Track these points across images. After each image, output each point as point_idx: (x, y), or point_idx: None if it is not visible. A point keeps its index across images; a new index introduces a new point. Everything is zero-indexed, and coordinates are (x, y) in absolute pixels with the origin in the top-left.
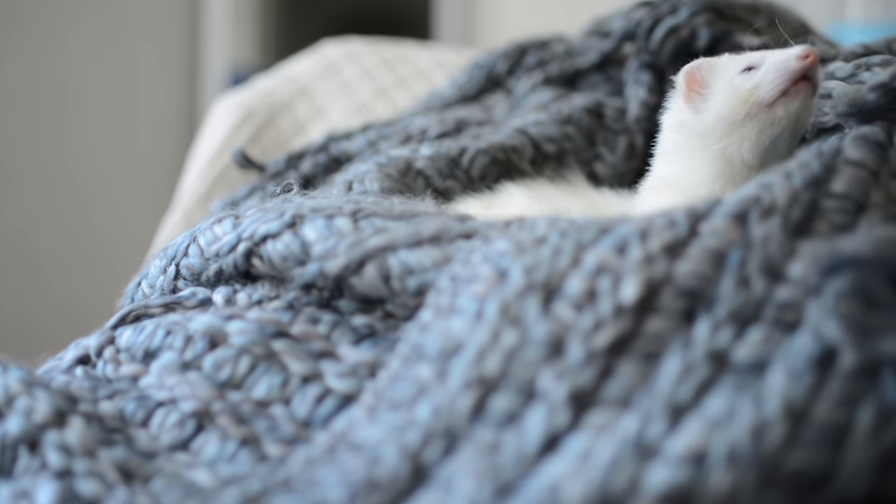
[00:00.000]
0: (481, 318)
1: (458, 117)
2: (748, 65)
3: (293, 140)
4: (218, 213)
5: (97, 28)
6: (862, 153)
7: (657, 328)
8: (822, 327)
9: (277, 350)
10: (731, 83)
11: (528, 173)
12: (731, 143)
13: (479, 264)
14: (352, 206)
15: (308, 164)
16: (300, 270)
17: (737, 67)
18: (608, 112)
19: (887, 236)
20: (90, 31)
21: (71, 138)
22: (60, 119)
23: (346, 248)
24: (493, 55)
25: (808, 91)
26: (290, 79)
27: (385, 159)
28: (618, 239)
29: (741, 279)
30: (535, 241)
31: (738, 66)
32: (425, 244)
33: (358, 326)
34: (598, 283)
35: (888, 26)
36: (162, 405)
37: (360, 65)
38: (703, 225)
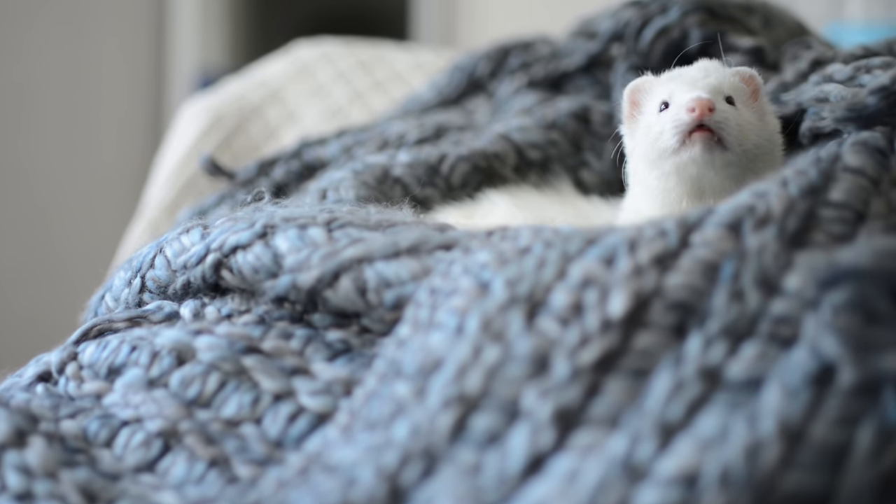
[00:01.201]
0: (462, 333)
1: (437, 122)
2: (664, 99)
3: (264, 146)
4: (186, 223)
5: (56, 27)
6: (861, 160)
7: (646, 343)
8: (820, 343)
9: (248, 366)
10: (648, 119)
11: (512, 181)
12: (657, 176)
13: (459, 276)
14: (326, 216)
15: (280, 171)
16: (272, 283)
17: (658, 98)
18: (595, 117)
19: (888, 247)
20: (49, 30)
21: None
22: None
23: (320, 260)
24: (475, 57)
25: (704, 140)
26: (261, 82)
27: (361, 166)
28: (605, 250)
29: (735, 292)
30: (518, 252)
31: (659, 96)
32: (403, 255)
33: (332, 342)
34: (584, 296)
35: (889, 26)
36: (127, 424)
37: (335, 67)
38: (695, 235)
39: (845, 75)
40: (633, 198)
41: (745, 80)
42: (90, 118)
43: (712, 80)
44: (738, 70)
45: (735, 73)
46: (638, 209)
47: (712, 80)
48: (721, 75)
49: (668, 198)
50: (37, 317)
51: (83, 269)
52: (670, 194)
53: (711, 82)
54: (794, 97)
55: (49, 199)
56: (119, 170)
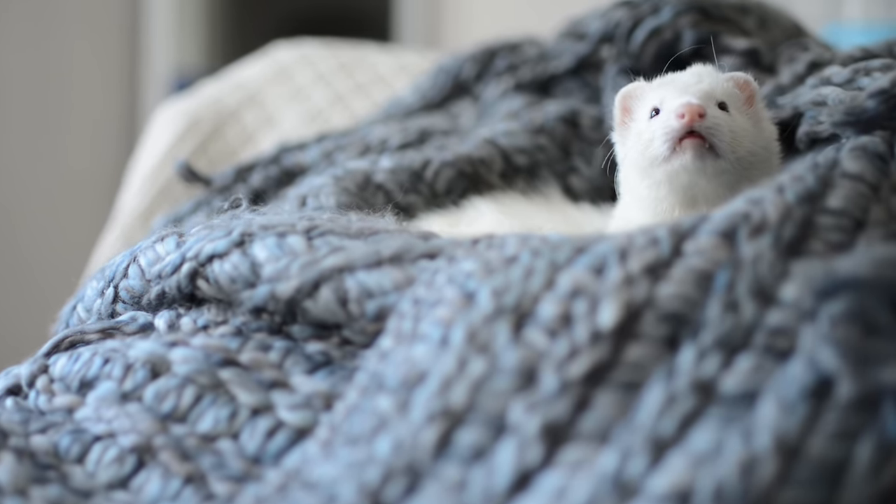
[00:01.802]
0: (446, 344)
1: (421, 126)
2: (655, 105)
3: (242, 151)
4: (160, 231)
5: (24, 26)
6: (860, 165)
7: (638, 356)
8: (817, 355)
9: (225, 379)
10: (639, 126)
11: (498, 187)
12: (648, 185)
13: (444, 286)
14: (305, 223)
15: (258, 177)
16: (249, 293)
17: (649, 105)
18: (584, 121)
19: (888, 256)
20: (17, 29)
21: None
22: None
23: (300, 269)
24: (460, 59)
25: (695, 147)
26: (238, 84)
27: (342, 172)
28: (595, 259)
29: (729, 303)
30: (504, 261)
31: (650, 102)
32: (385, 264)
33: (312, 354)
34: (573, 306)
35: (888, 27)
36: (99, 439)
37: (315, 69)
38: (688, 243)
39: (843, 78)
40: (624, 207)
41: (739, 86)
42: (61, 122)
43: (704, 85)
44: (733, 75)
45: (729, 78)
46: (629, 218)
47: (704, 85)
48: (714, 80)
49: (660, 207)
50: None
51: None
52: (662, 203)
53: (703, 88)
54: (790, 101)
55: (18, 206)
56: (91, 175)
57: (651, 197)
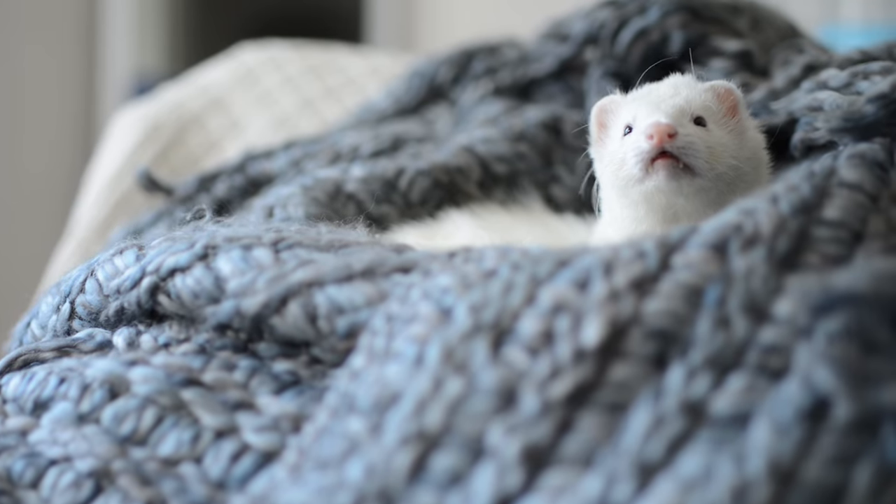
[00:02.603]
0: (421, 363)
1: (394, 133)
2: (627, 122)
3: (205, 159)
4: (119, 243)
5: None
6: (859, 174)
7: (623, 375)
8: (813, 374)
9: (187, 400)
10: (613, 144)
11: (476, 197)
12: (626, 204)
13: (418, 302)
14: (272, 236)
15: (222, 186)
16: (213, 309)
17: (622, 121)
18: (567, 127)
19: (887, 270)
20: None
21: None
22: None
23: (266, 284)
24: (435, 62)
25: (667, 168)
26: (201, 89)
27: (311, 181)
28: (578, 273)
29: (720, 319)
30: (482, 276)
31: (623, 119)
32: (357, 279)
33: (280, 373)
34: (555, 323)
35: (888, 28)
36: (55, 463)
37: (283, 72)
38: (677, 257)
39: (841, 82)
40: (604, 226)
41: (720, 96)
42: (14, 127)
43: (679, 99)
44: (713, 85)
45: (709, 89)
46: (609, 238)
47: (679, 99)
48: (691, 93)
49: (640, 227)
50: None
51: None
52: (642, 224)
53: (677, 103)
54: (784, 106)
55: None
56: (46, 184)
57: (630, 217)
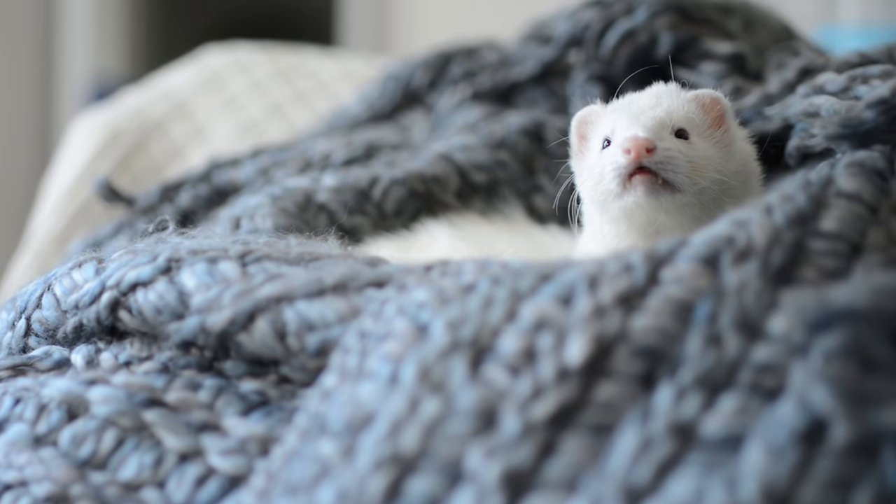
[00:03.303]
0: (396, 383)
1: (368, 140)
2: (606, 135)
3: (168, 167)
4: (78, 256)
5: None
6: (857, 184)
7: (609, 395)
8: (809, 395)
9: (149, 422)
10: (591, 158)
11: (454, 208)
12: (607, 220)
13: (393, 318)
14: (239, 248)
15: (186, 196)
16: (177, 326)
17: (601, 134)
18: (550, 134)
19: (887, 285)
20: None
21: None
22: None
23: (233, 299)
24: (411, 65)
25: (646, 183)
26: (164, 93)
27: (280, 191)
28: (562, 287)
29: (711, 336)
30: (461, 290)
31: (602, 132)
32: (328, 294)
33: (247, 393)
34: (537, 340)
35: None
36: (10, 488)
37: (250, 76)
38: (665, 270)
39: (839, 86)
40: (586, 240)
41: (706, 106)
42: None
43: (660, 111)
44: (698, 94)
45: (693, 99)
46: (590, 252)
47: (660, 111)
48: (673, 104)
49: (623, 243)
50: None
51: None
52: (624, 239)
53: (657, 115)
54: (779, 111)
55: None
56: (1, 194)
57: (612, 232)
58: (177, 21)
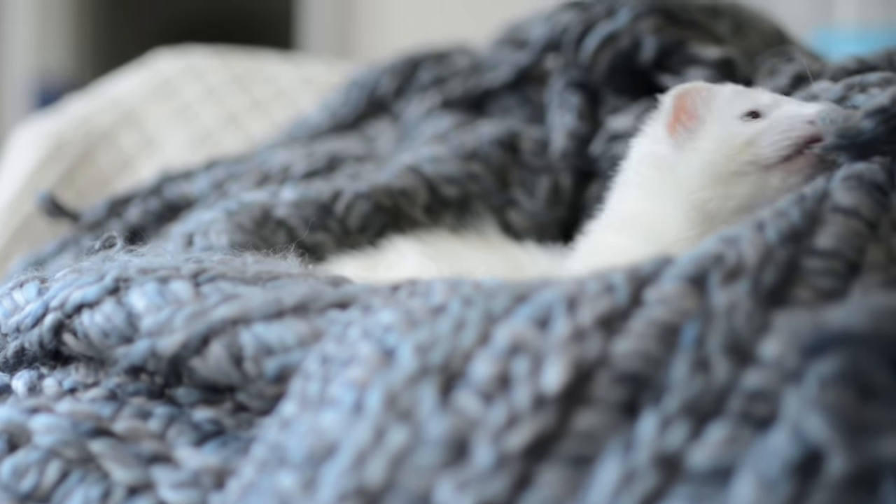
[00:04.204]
0: (361, 411)
1: (330, 151)
2: (752, 108)
3: (116, 180)
4: (19, 276)
5: None
6: (855, 198)
7: (589, 424)
8: (804, 423)
9: (96, 453)
10: (727, 127)
11: (423, 224)
12: (713, 196)
13: (357, 342)
14: (192, 267)
15: (136, 211)
16: (125, 350)
17: (739, 107)
18: (525, 144)
19: (888, 306)
20: None
21: None
22: None
23: (185, 321)
24: (376, 71)
25: (812, 167)
26: (112, 101)
27: (236, 206)
28: (538, 309)
29: (698, 361)
30: (430, 312)
31: (741, 105)
32: (288, 316)
33: (200, 422)
34: (512, 366)
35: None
36: None
37: (204, 83)
38: (650, 291)
39: (835, 94)
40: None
41: None
42: None
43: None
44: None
45: None
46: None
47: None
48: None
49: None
50: None
51: None
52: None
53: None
54: None
55: None
56: None
57: (708, 209)
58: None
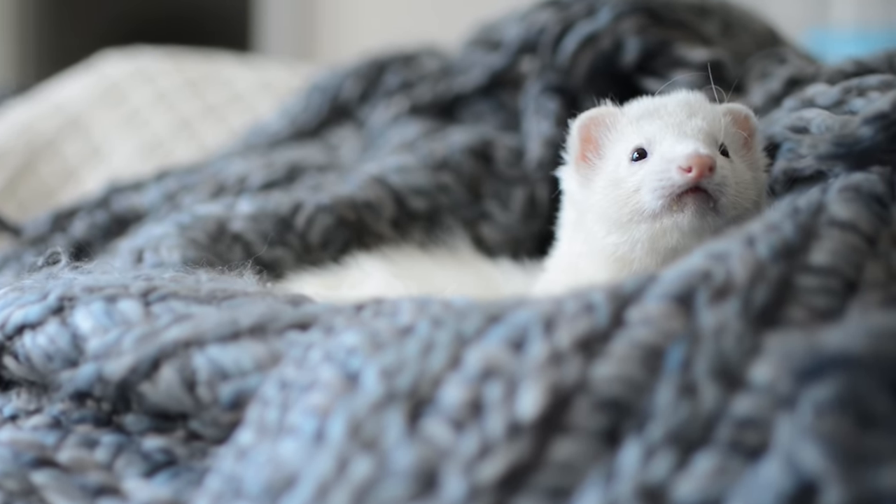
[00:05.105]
0: (323, 440)
1: (290, 160)
2: (639, 145)
3: (61, 191)
4: None
5: None
6: (853, 211)
7: (567, 454)
8: (798, 453)
9: (39, 484)
10: (617, 169)
11: (389, 238)
12: (620, 242)
13: (319, 365)
14: (142, 285)
15: (81, 224)
16: (70, 374)
17: (630, 141)
18: (499, 153)
19: (887, 327)
20: None
21: None
22: None
23: (134, 343)
24: (340, 74)
25: (699, 203)
26: (56, 106)
27: (189, 219)
28: (512, 330)
29: (684, 386)
30: (397, 334)
31: (631, 139)
32: (244, 337)
33: (151, 452)
34: (484, 391)
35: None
36: None
37: (155, 87)
38: (632, 311)
39: (831, 99)
40: (571, 257)
41: (739, 122)
42: None
43: (703, 123)
44: (731, 108)
45: (727, 113)
46: (581, 271)
47: (703, 123)
48: (712, 116)
49: (630, 268)
50: None
51: None
52: (633, 265)
53: (703, 127)
54: (763, 128)
55: None
56: None
57: (618, 255)
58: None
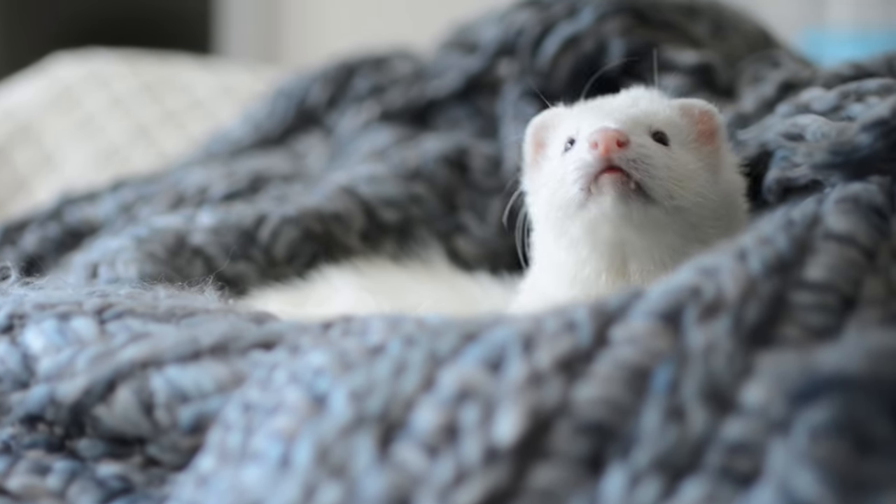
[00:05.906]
0: (288, 466)
1: (254, 169)
2: (570, 137)
3: (10, 202)
4: None
5: None
6: (850, 223)
7: (548, 481)
8: (792, 480)
9: None
10: (550, 164)
11: (359, 252)
12: (565, 244)
13: (284, 387)
14: (97, 302)
15: (32, 237)
16: (20, 396)
17: (564, 134)
18: (475, 162)
19: (886, 346)
20: None
21: None
22: None
23: (89, 364)
24: (306, 78)
25: (615, 184)
26: (5, 112)
27: (146, 232)
28: (490, 349)
29: (672, 409)
30: (367, 353)
31: (565, 131)
32: (205, 357)
33: (106, 479)
34: (459, 414)
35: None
36: None
37: (110, 92)
38: (616, 329)
39: (828, 104)
40: (536, 277)
41: (694, 117)
42: None
43: (635, 110)
44: (684, 103)
45: (678, 107)
46: (542, 292)
47: (635, 110)
48: (653, 106)
49: (582, 274)
50: None
51: None
52: (584, 269)
53: (633, 113)
54: (755, 135)
55: None
56: None
57: (570, 261)
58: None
